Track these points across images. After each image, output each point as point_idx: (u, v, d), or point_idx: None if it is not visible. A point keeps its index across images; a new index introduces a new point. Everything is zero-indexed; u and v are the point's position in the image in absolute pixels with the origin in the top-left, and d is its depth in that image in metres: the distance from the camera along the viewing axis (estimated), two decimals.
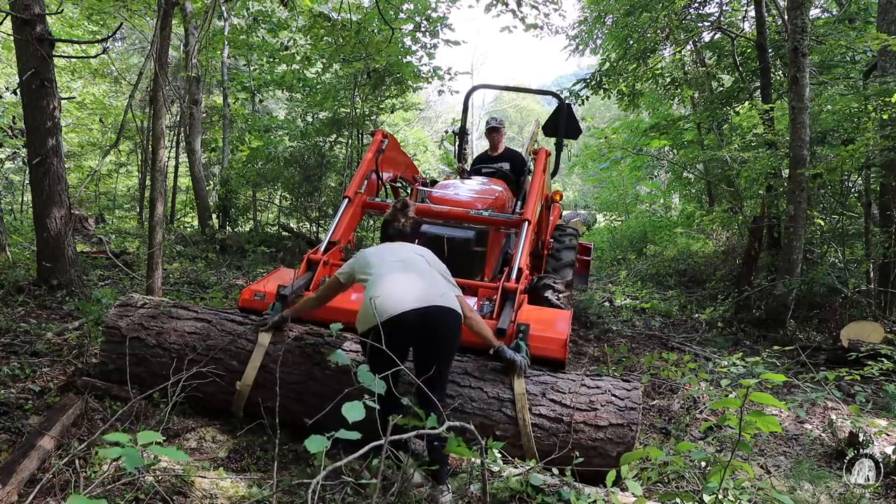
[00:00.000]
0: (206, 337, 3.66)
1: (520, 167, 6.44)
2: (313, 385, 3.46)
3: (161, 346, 3.65)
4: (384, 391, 2.20)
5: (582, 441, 3.22)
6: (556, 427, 3.26)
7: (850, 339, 5.90)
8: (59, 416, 3.10)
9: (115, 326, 3.73)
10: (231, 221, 12.54)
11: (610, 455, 3.18)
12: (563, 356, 3.60)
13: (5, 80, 11.17)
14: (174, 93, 11.49)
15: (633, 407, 3.28)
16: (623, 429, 3.22)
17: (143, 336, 3.68)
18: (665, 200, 19.54)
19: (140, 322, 3.74)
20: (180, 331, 3.70)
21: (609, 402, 3.30)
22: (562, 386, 3.38)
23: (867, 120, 7.02)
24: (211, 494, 2.75)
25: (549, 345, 3.61)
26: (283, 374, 3.34)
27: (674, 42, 12.27)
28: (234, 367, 3.55)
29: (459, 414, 3.23)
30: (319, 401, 3.29)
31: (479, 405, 3.33)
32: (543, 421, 3.27)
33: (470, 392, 3.36)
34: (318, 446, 1.84)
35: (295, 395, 3.43)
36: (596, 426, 3.24)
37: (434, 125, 32.06)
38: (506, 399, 3.32)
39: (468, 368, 3.45)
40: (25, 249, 7.77)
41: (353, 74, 11.38)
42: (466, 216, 4.85)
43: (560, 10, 14.54)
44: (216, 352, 3.58)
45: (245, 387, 3.47)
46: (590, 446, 3.21)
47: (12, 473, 2.57)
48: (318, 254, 4.19)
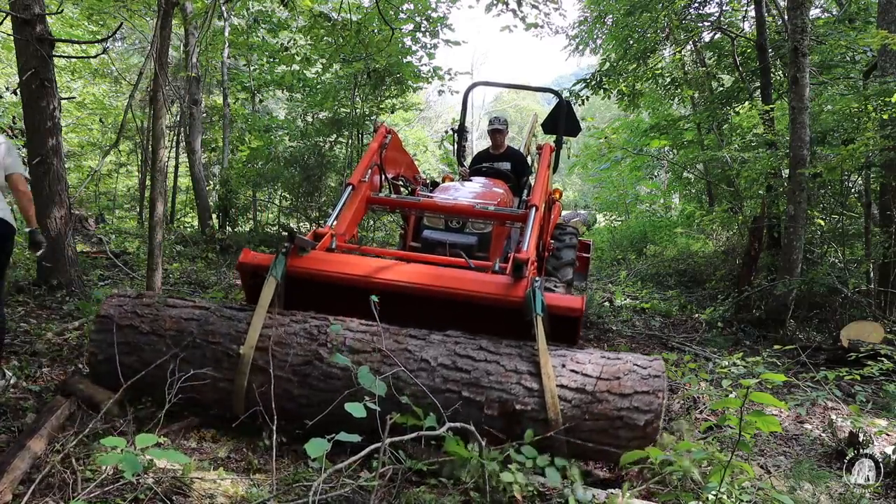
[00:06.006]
0: (204, 323, 3.43)
1: (521, 166, 6.44)
2: (318, 367, 3.25)
3: (155, 333, 3.41)
4: (384, 392, 2.20)
5: (607, 411, 3.05)
6: (579, 398, 3.10)
7: (850, 339, 5.90)
8: (48, 418, 3.09)
9: (106, 315, 3.46)
10: (231, 221, 12.53)
11: (637, 424, 3.02)
12: (579, 313, 3.47)
13: (5, 80, 11.15)
14: (174, 93, 11.49)
15: (658, 375, 3.13)
16: (649, 396, 3.06)
17: (137, 323, 3.43)
18: (665, 200, 19.54)
19: (133, 310, 3.49)
20: (176, 318, 3.45)
21: (631, 371, 3.15)
22: (580, 357, 3.26)
23: (867, 120, 7.01)
24: (211, 494, 2.74)
25: (564, 303, 3.50)
26: (286, 357, 3.21)
27: (674, 42, 12.28)
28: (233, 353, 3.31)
29: (476, 388, 3.12)
30: (325, 384, 3.21)
31: (496, 378, 3.16)
32: (565, 392, 3.11)
33: (486, 366, 3.20)
34: (319, 450, 1.84)
35: (299, 378, 3.25)
36: (621, 394, 3.07)
37: (434, 125, 32.05)
38: (524, 371, 3.16)
39: (482, 344, 3.31)
40: (25, 249, 7.75)
41: (353, 74, 11.38)
42: (472, 210, 4.83)
43: (560, 9, 14.55)
44: (215, 336, 3.36)
45: (249, 349, 3.23)
46: (615, 416, 3.04)
47: (3, 473, 2.57)
48: (326, 229, 4.17)
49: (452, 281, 3.53)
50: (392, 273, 3.58)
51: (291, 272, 3.54)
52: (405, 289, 3.50)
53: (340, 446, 2.26)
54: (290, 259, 3.53)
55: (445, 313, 3.56)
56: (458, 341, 3.32)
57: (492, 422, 3.09)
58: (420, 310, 3.54)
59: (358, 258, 3.82)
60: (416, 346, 3.29)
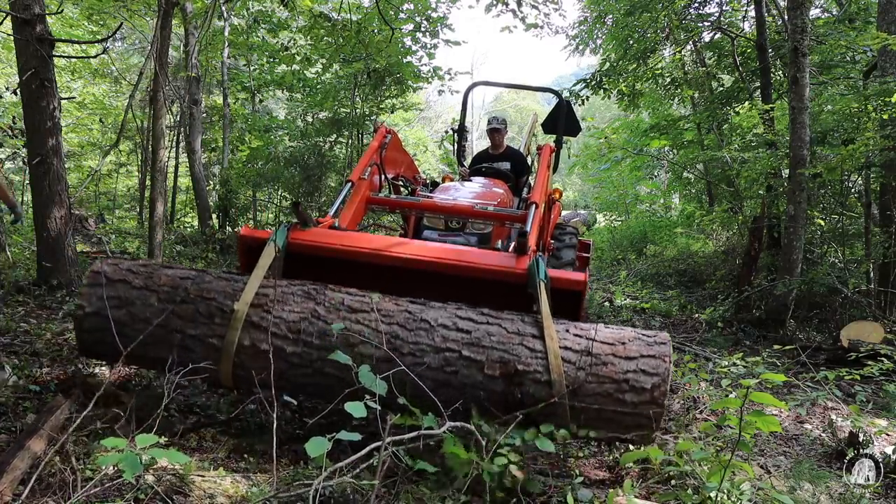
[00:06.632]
0: (199, 281, 3.30)
1: (521, 166, 6.44)
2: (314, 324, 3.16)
3: (148, 289, 3.26)
4: (385, 391, 2.20)
5: (612, 374, 2.99)
6: (583, 360, 3.03)
7: (850, 339, 5.90)
8: (48, 418, 3.09)
9: (99, 271, 3.33)
10: (231, 221, 12.53)
11: (644, 388, 2.95)
12: (582, 286, 3.44)
13: (5, 80, 11.16)
14: (174, 93, 11.48)
15: (664, 342, 3.09)
16: (655, 360, 3.00)
17: (130, 279, 3.29)
18: (665, 200, 19.54)
19: (129, 268, 3.37)
20: (172, 276, 3.33)
21: (637, 338, 3.11)
22: (584, 325, 3.23)
23: (867, 120, 7.01)
24: (211, 494, 2.74)
25: (568, 276, 3.48)
26: (281, 314, 3.12)
27: (674, 42, 12.28)
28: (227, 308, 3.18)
29: (476, 348, 3.05)
30: (321, 341, 3.12)
31: (497, 339, 3.08)
32: (569, 353, 3.05)
33: (488, 328, 3.12)
34: (319, 449, 1.83)
35: (293, 335, 3.15)
36: (626, 357, 3.02)
37: (434, 125, 32.06)
38: (527, 334, 3.09)
39: (484, 310, 3.25)
40: (25, 249, 7.77)
41: (353, 74, 11.39)
42: (472, 211, 4.84)
43: (560, 10, 14.56)
44: (209, 293, 3.23)
45: (244, 305, 3.13)
46: (621, 379, 2.97)
47: (3, 473, 2.57)
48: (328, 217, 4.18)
49: (458, 255, 3.55)
50: (396, 248, 3.58)
51: (293, 246, 3.50)
52: (410, 262, 3.49)
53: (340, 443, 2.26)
54: (292, 232, 3.50)
55: (450, 290, 3.55)
56: (459, 307, 3.28)
57: (492, 383, 3.02)
58: (424, 287, 3.52)
59: (361, 234, 3.83)
60: (417, 309, 3.23)
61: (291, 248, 3.50)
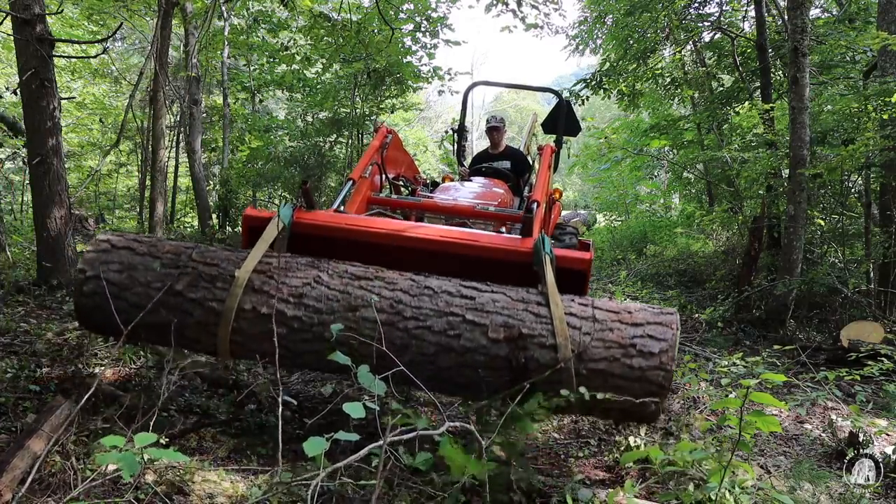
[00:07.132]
0: (203, 250, 3.34)
1: (521, 165, 6.44)
2: (317, 289, 3.14)
3: (151, 255, 3.29)
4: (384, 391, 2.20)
5: (619, 339, 2.96)
6: (589, 325, 3.00)
7: (850, 339, 5.90)
8: (48, 417, 3.09)
9: (105, 240, 3.37)
10: (231, 221, 12.54)
11: (652, 352, 2.91)
12: (587, 265, 3.43)
13: (5, 80, 11.16)
14: (174, 93, 11.49)
15: (670, 312, 3.07)
16: (662, 326, 2.97)
17: (135, 246, 3.32)
18: (665, 200, 19.54)
19: (134, 238, 3.43)
20: (176, 245, 3.38)
21: (642, 309, 3.10)
22: (588, 297, 3.23)
23: (867, 120, 7.01)
24: (211, 494, 2.74)
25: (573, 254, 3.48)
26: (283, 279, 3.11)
27: (674, 42, 12.28)
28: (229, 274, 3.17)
29: (480, 312, 3.02)
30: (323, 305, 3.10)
31: (502, 304, 3.07)
32: (574, 319, 3.02)
33: (492, 295, 3.12)
34: (317, 449, 1.83)
35: (295, 299, 3.12)
36: (632, 324, 2.99)
37: (434, 125, 32.07)
38: (532, 301, 3.08)
39: (488, 282, 3.25)
40: (25, 249, 7.77)
41: (353, 74, 11.39)
42: (472, 211, 4.84)
43: (560, 10, 14.56)
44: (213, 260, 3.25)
45: (245, 272, 3.12)
46: (628, 343, 2.93)
47: (3, 473, 2.57)
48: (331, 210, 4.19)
49: (464, 235, 3.58)
50: (402, 229, 3.59)
51: (298, 226, 3.48)
52: (416, 242, 3.49)
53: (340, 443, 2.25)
54: (297, 213, 3.49)
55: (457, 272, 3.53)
56: (462, 280, 3.28)
57: (496, 347, 2.98)
58: (430, 268, 3.51)
59: (366, 217, 3.87)
60: (421, 279, 3.24)
61: (296, 228, 3.47)
